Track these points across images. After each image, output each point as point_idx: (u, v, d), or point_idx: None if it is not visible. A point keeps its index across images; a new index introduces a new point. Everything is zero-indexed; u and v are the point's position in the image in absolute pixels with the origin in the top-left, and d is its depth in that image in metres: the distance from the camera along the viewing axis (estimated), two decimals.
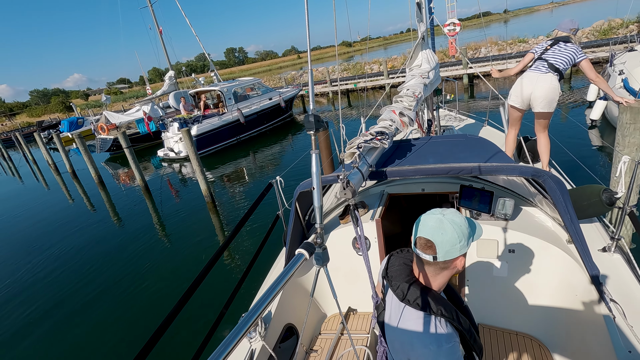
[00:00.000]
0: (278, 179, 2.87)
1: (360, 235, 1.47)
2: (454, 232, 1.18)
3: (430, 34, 4.47)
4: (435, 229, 1.19)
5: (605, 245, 2.17)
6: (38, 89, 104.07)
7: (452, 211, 1.24)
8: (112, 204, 11.03)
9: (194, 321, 4.36)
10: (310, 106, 1.23)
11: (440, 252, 1.18)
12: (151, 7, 18.97)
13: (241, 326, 0.94)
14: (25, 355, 4.80)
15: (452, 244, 1.18)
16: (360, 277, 2.72)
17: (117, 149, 17.88)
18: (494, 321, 2.44)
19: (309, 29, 1.21)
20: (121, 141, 10.23)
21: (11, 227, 10.81)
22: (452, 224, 1.18)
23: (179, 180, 12.59)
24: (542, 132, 3.85)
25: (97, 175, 12.75)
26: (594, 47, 16.49)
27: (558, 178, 1.86)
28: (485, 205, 2.33)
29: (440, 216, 1.21)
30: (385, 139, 2.21)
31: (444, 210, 1.24)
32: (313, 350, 2.60)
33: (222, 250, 2.41)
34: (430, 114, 5.02)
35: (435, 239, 1.19)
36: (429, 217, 1.24)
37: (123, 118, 18.09)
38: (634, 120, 3.24)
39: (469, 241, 1.21)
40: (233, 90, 15.66)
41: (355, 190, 1.51)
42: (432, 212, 1.25)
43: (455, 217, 1.21)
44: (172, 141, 14.22)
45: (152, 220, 9.00)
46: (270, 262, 2.97)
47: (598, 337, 1.76)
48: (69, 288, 6.32)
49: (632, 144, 3.34)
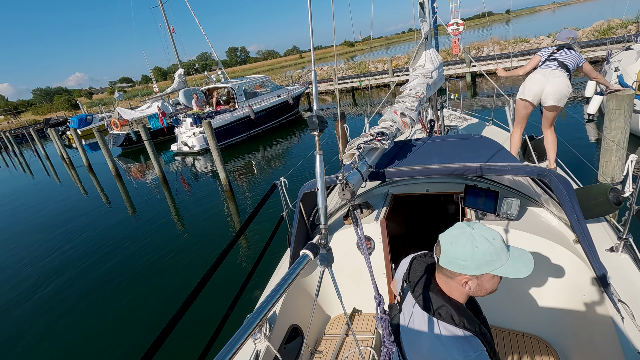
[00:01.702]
0: (282, 180, 2.88)
1: (360, 237, 1.47)
2: (464, 248, 1.11)
3: (434, 34, 4.51)
4: (451, 235, 1.16)
5: (612, 245, 2.15)
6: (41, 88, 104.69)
7: (484, 230, 1.15)
8: (129, 196, 11.44)
9: (200, 322, 4.42)
10: (314, 106, 1.22)
11: (443, 258, 1.16)
12: (162, 7, 19.50)
13: (246, 327, 0.95)
14: (57, 338, 5.13)
15: (454, 256, 1.13)
16: (364, 277, 2.69)
17: (130, 144, 18.44)
18: (500, 322, 2.44)
19: (312, 29, 1.20)
20: (142, 134, 10.77)
21: (36, 220, 11.15)
22: (468, 240, 1.12)
23: (194, 172, 13.08)
24: (549, 129, 3.99)
25: (114, 167, 13.27)
26: (593, 47, 16.99)
27: (564, 177, 1.85)
28: (490, 205, 2.31)
29: (469, 229, 1.15)
30: (385, 140, 2.20)
31: (479, 226, 1.16)
32: (318, 351, 2.60)
33: (227, 251, 2.40)
34: (434, 113, 5.02)
35: (444, 243, 1.16)
36: (460, 224, 1.20)
37: (135, 114, 18.64)
38: (619, 106, 3.75)
39: (481, 268, 1.11)
40: (243, 87, 16.20)
41: (354, 191, 1.52)
42: (470, 223, 1.19)
43: (479, 238, 1.12)
44: (186, 136, 14.74)
45: (170, 210, 9.44)
46: (274, 263, 2.95)
47: (606, 338, 1.74)
48: (96, 275, 6.59)
49: (618, 127, 3.84)
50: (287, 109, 18.06)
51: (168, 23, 19.66)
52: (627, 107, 3.74)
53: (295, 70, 39.62)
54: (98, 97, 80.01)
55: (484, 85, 18.33)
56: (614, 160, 3.97)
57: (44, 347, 4.98)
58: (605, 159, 4.10)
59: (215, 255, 3.13)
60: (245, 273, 2.68)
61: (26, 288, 6.69)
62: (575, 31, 4.15)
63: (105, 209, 10.63)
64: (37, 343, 5.08)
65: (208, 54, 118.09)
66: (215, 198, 9.58)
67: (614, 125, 3.86)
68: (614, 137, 3.87)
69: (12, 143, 26.63)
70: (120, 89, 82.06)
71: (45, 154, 21.35)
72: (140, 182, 12.88)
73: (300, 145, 14.28)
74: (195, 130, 14.48)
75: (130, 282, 6.20)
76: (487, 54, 23.37)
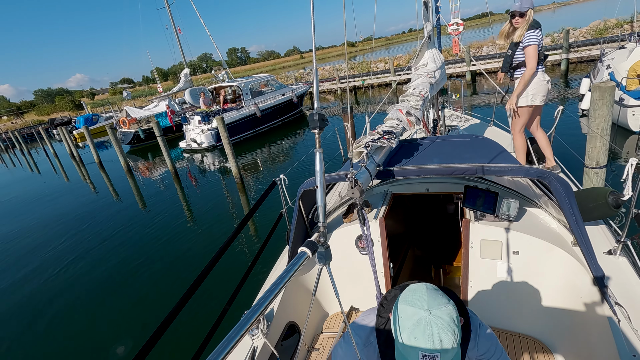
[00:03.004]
0: (282, 177, 2.90)
1: (367, 235, 1.48)
2: (452, 337, 0.98)
3: (437, 33, 4.51)
4: (433, 340, 0.98)
5: (611, 247, 2.15)
6: (42, 89, 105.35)
7: (438, 304, 1.03)
8: (139, 191, 11.81)
9: (197, 318, 4.42)
10: (315, 104, 1.22)
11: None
12: (169, 8, 20.00)
13: (243, 323, 0.95)
14: (73, 326, 5.38)
15: (455, 353, 1.00)
16: (362, 276, 2.70)
17: (137, 142, 18.92)
18: (496, 322, 2.43)
19: (314, 29, 1.22)
20: (155, 130, 11.24)
21: (57, 215, 11.51)
22: (445, 328, 0.98)
23: (203, 168, 13.55)
24: (540, 128, 4.06)
25: (125, 164, 13.72)
26: (589, 45, 17.46)
27: (564, 179, 1.85)
28: (489, 206, 2.30)
29: (426, 315, 1.00)
30: (392, 138, 2.21)
31: (428, 304, 1.03)
32: (315, 349, 2.61)
33: (225, 247, 2.39)
34: (436, 113, 4.97)
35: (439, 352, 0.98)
36: (414, 320, 1.02)
37: (143, 112, 19.13)
38: (602, 97, 4.18)
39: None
40: (249, 86, 16.69)
41: (363, 190, 1.52)
42: (412, 304, 1.05)
43: (443, 314, 1.00)
44: (194, 133, 15.20)
45: (182, 204, 9.80)
46: (273, 260, 2.97)
47: (602, 341, 1.74)
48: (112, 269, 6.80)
49: (601, 116, 4.27)
50: (291, 108, 18.55)
51: (175, 24, 20.20)
52: (609, 97, 4.16)
53: (298, 70, 40.18)
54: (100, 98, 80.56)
55: (484, 84, 18.79)
56: (598, 146, 4.40)
57: (73, 322, 5.43)
58: (590, 145, 4.52)
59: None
60: (243, 269, 2.70)
61: (55, 272, 7.12)
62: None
63: (118, 203, 11.00)
64: (67, 320, 5.53)
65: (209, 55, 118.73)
66: (226, 191, 10.03)
67: (597, 114, 4.29)
68: (597, 125, 4.30)
69: (20, 142, 27.12)
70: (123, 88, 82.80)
71: (54, 152, 21.84)
72: (147, 179, 13.21)
73: (304, 143, 14.69)
74: (204, 128, 14.95)
75: (148, 266, 6.49)
76: (486, 53, 23.84)
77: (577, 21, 29.10)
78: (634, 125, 7.47)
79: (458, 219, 2.46)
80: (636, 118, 7.43)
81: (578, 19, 32.99)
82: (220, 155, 14.40)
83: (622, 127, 7.80)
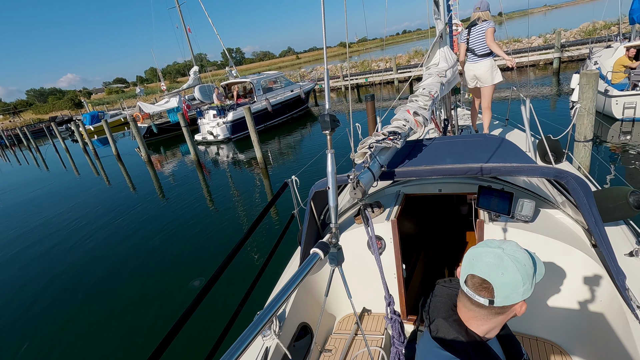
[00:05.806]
0: (293, 178, 2.88)
1: (371, 236, 1.47)
2: (517, 273, 0.97)
3: (449, 32, 4.48)
4: (494, 268, 0.98)
5: (632, 249, 2.08)
6: (35, 89, 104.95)
7: (513, 245, 1.04)
8: (159, 182, 12.21)
9: (210, 318, 4.47)
10: (326, 105, 1.22)
11: (499, 296, 0.99)
12: (179, 8, 20.83)
13: (256, 324, 0.97)
14: (93, 314, 5.47)
15: (515, 288, 0.97)
16: (375, 277, 2.63)
17: (150, 136, 19.67)
18: (513, 326, 2.48)
19: (325, 28, 1.20)
20: (180, 121, 12.10)
21: (86, 210, 12.02)
22: (515, 263, 0.97)
23: (221, 159, 14.25)
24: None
25: (146, 155, 14.49)
26: (579, 45, 18.66)
27: (582, 179, 1.79)
28: (504, 206, 2.24)
29: (500, 251, 1.00)
30: (397, 139, 2.18)
31: (503, 244, 1.04)
32: (327, 350, 2.59)
33: (237, 248, 2.40)
34: (448, 113, 4.97)
35: (493, 279, 0.98)
36: (484, 250, 1.03)
37: (155, 108, 19.93)
38: (588, 82, 5.16)
39: (533, 283, 1.00)
40: (261, 82, 17.61)
41: (365, 191, 1.50)
42: (488, 244, 1.05)
43: (518, 254, 1.00)
44: (209, 126, 16.05)
45: (203, 191, 10.33)
46: (285, 261, 2.96)
47: (623, 346, 1.70)
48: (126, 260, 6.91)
49: (588, 98, 5.25)
50: (299, 103, 19.50)
51: (185, 23, 21.03)
52: (593, 82, 5.14)
53: (295, 70, 41.15)
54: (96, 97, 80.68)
55: None
56: (585, 123, 5.37)
57: (92, 309, 5.61)
58: (579, 122, 5.49)
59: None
60: (255, 270, 2.72)
61: (80, 260, 7.35)
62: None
63: (136, 195, 11.16)
64: (87, 305, 5.71)
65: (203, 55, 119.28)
66: (247, 179, 10.81)
67: (585, 97, 5.27)
68: (585, 105, 5.27)
69: (28, 138, 27.74)
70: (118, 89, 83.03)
71: (65, 148, 22.42)
72: (160, 173, 13.44)
73: (313, 137, 15.39)
74: (219, 121, 15.80)
75: (178, 260, 6.54)
76: None
77: (568, 23, 30.37)
78: (617, 112, 8.54)
79: (472, 220, 2.43)
80: (619, 107, 8.49)
81: (568, 21, 34.34)
82: (235, 147, 15.23)
83: (607, 115, 8.87)
